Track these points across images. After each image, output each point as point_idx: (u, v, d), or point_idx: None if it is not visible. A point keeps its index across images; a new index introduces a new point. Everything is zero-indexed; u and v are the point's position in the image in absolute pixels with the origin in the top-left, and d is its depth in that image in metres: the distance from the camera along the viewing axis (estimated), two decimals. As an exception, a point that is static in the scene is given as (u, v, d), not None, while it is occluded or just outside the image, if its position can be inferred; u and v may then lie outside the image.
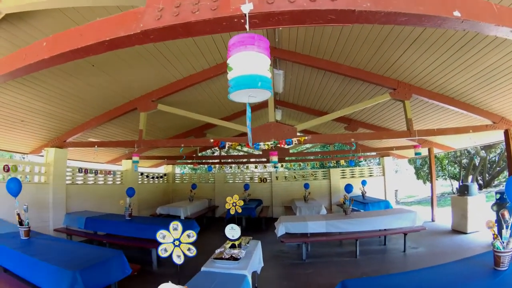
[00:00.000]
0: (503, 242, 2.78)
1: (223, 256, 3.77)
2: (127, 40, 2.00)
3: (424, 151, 10.75)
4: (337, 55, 5.72)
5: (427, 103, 6.70)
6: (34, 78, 5.11)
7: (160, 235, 3.06)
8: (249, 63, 1.60)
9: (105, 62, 5.27)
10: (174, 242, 3.08)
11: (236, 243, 4.04)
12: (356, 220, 6.50)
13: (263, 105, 9.19)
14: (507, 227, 2.85)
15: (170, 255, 3.08)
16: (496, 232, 2.87)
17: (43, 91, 5.55)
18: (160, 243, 3.07)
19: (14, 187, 4.87)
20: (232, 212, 4.15)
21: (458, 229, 8.47)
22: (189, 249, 3.09)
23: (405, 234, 6.71)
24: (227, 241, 4.17)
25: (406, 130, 5.88)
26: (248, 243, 4.53)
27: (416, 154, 7.37)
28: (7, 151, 8.37)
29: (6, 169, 6.36)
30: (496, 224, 2.91)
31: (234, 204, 4.15)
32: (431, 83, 5.71)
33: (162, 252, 3.09)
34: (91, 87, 5.91)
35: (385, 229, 6.78)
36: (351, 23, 1.89)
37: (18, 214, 4.62)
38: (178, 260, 3.08)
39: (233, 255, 3.76)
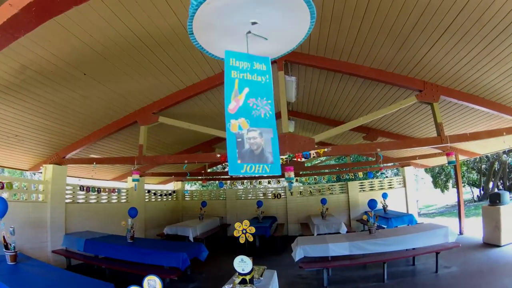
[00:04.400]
0: None
1: (231, 297, 3.10)
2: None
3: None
4: (355, 55, 5.13)
5: (455, 105, 6.11)
6: (24, 89, 4.69)
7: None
8: None
9: (99, 71, 4.82)
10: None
11: (247, 277, 3.36)
12: (382, 240, 5.75)
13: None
14: None
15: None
16: None
17: (35, 103, 5.14)
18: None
19: (-1, 207, 4.37)
20: (241, 241, 3.47)
21: (491, 242, 7.70)
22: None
23: (437, 253, 5.98)
24: (237, 274, 3.49)
25: (436, 137, 5.24)
26: (262, 275, 3.84)
27: (449, 163, 6.53)
28: (5, 168, 7.97)
29: (1, 186, 5.92)
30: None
31: (244, 231, 3.49)
32: (460, 82, 5.13)
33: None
34: (86, 99, 5.45)
35: (413, 248, 6.07)
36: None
37: (4, 237, 4.18)
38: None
39: (243, 295, 3.09)
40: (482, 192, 19.56)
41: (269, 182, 14.07)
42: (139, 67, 5.00)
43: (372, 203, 7.16)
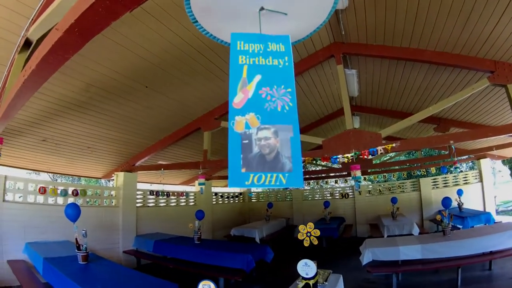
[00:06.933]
0: None
1: (294, 302, 3.01)
2: (93, 15, 1.62)
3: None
4: (417, 40, 4.74)
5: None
6: (91, 105, 5.11)
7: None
8: None
9: (159, 82, 5.08)
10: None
11: (311, 282, 3.23)
12: (457, 243, 5.19)
13: (338, 113, 8.37)
14: None
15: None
16: None
17: (102, 117, 5.55)
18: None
19: (72, 212, 4.78)
20: (306, 244, 3.37)
21: None
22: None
23: (516, 257, 5.30)
24: (301, 278, 3.38)
25: (512, 124, 4.57)
26: (326, 280, 3.67)
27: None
28: (82, 176, 8.71)
29: (75, 193, 6.49)
30: None
31: (309, 234, 3.37)
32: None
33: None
34: (150, 109, 5.78)
35: (490, 252, 5.39)
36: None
37: (76, 239, 4.54)
38: None
39: (307, 301, 2.98)
40: None
41: (336, 182, 13.68)
42: (196, 74, 5.15)
43: (446, 201, 6.54)
